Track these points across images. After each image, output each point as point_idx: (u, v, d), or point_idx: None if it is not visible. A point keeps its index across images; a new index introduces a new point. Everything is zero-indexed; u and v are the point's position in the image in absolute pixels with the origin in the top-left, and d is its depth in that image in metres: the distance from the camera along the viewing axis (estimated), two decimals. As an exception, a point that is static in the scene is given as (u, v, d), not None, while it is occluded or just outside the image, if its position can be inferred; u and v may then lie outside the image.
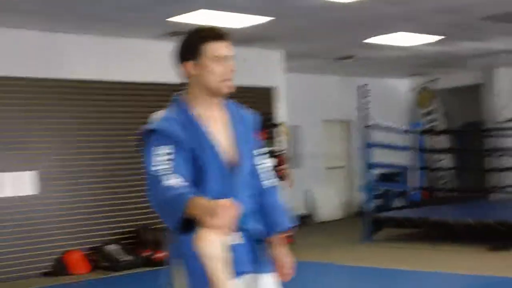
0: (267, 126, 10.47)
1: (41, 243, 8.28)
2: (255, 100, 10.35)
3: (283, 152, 10.55)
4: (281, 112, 10.99)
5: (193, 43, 2.56)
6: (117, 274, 8.24)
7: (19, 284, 7.82)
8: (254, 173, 2.70)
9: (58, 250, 8.38)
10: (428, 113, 14.97)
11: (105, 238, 8.75)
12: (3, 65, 8.13)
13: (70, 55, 8.68)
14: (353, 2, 7.69)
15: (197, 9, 7.67)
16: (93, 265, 8.47)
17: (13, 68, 8.21)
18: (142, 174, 9.00)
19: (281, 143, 10.73)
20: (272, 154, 10.15)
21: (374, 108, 12.10)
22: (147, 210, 8.21)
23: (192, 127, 2.52)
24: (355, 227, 11.24)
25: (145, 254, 8.57)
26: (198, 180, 2.48)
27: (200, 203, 2.24)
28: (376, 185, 11.44)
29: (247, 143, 2.66)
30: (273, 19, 8.50)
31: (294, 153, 12.90)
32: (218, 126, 2.59)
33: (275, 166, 10.05)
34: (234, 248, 2.46)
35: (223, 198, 2.29)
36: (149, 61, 9.15)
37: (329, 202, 13.56)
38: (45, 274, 8.22)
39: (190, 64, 2.56)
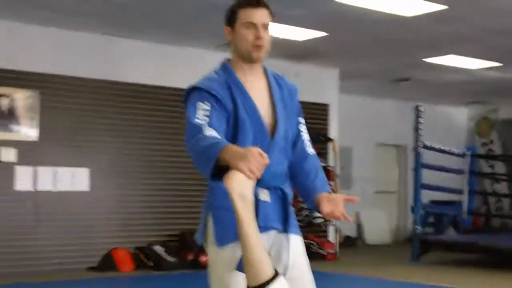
0: (319, 141, 10.52)
1: (90, 238, 8.51)
2: (307, 115, 10.42)
3: (332, 168, 10.55)
4: (333, 130, 11.02)
5: (231, 9, 2.66)
6: (160, 273, 8.37)
7: (66, 276, 8.02)
8: (293, 139, 2.75)
9: (105, 246, 8.57)
10: (486, 144, 14.74)
11: (151, 239, 8.91)
12: (62, 64, 8.46)
13: (127, 59, 8.97)
14: (411, 18, 7.70)
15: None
16: (137, 263, 8.62)
17: (71, 67, 8.53)
18: (190, 179, 9.19)
19: (331, 160, 10.73)
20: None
21: (430, 134, 12.06)
22: (193, 215, 8.32)
23: (236, 88, 2.61)
24: (403, 250, 11.12)
25: (189, 257, 8.68)
26: (234, 137, 2.57)
27: (233, 149, 2.35)
28: (426, 206, 11.30)
29: (285, 109, 2.72)
30: (327, 35, 8.58)
31: (345, 174, 12.88)
32: (257, 90, 2.67)
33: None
34: (261, 204, 2.53)
35: None
36: (204, 71, 9.31)
37: (378, 226, 13.43)
38: (92, 269, 8.41)
39: (228, 30, 2.66)
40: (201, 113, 2.51)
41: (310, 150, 2.79)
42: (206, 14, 7.57)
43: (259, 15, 2.62)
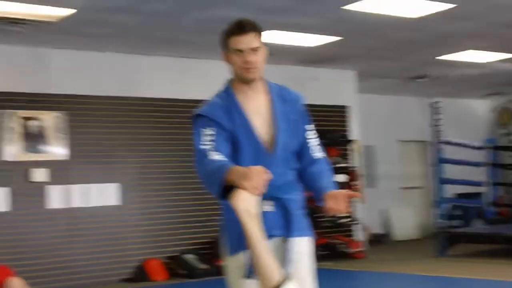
0: (341, 143, 10.72)
1: (123, 250, 8.81)
2: (328, 119, 10.66)
3: (355, 168, 10.74)
4: (354, 130, 11.21)
5: (223, 36, 2.88)
6: (193, 281, 8.64)
7: (102, 289, 8.35)
8: (300, 147, 2.95)
9: (138, 258, 8.88)
10: (508, 134, 14.79)
11: (183, 248, 9.20)
12: (86, 84, 8.81)
13: (148, 75, 9.29)
14: (419, 18, 7.88)
15: (267, 30, 8.08)
16: (170, 272, 8.91)
17: (97, 87, 8.87)
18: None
19: (354, 160, 10.92)
20: (344, 170, 10.38)
21: (452, 128, 12.20)
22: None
23: (234, 109, 2.85)
24: (431, 245, 11.24)
25: (221, 263, 8.91)
26: (235, 157, 2.81)
27: (237, 169, 2.61)
28: (450, 200, 11.44)
29: (288, 122, 2.90)
30: (341, 39, 8.80)
31: (369, 173, 13.05)
32: (257, 108, 2.88)
33: (348, 182, 10.29)
34: (265, 215, 2.75)
35: None
36: (219, 81, 9.57)
37: (405, 222, 13.56)
38: (126, 280, 8.73)
39: (224, 54, 2.91)
40: (206, 138, 2.77)
41: (318, 154, 2.98)
42: (217, 27, 7.83)
43: (245, 41, 2.79)
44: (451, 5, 7.40)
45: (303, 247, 2.89)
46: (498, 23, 8.26)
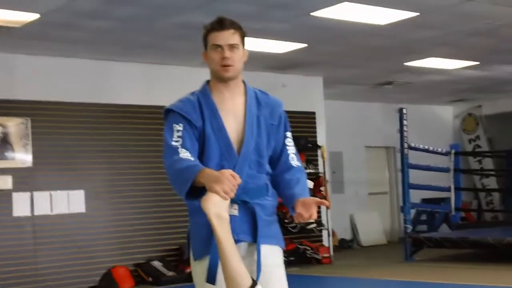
0: (307, 149, 10.76)
1: (90, 258, 8.72)
2: (296, 125, 10.68)
3: (321, 174, 10.79)
4: (321, 136, 11.27)
5: (203, 33, 2.87)
6: (160, 288, 8.60)
7: (68, 297, 8.24)
8: (278, 152, 2.91)
9: (105, 265, 8.78)
10: (473, 140, 15.02)
11: (149, 255, 9.14)
12: (56, 91, 8.70)
13: (116, 81, 9.22)
14: (384, 26, 7.96)
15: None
16: (137, 280, 8.84)
17: (64, 94, 8.77)
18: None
19: (320, 166, 10.97)
20: (311, 176, 10.42)
21: (417, 134, 12.36)
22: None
23: (207, 108, 2.81)
24: (397, 250, 11.35)
25: (187, 270, 8.88)
26: (202, 152, 2.78)
27: (208, 172, 2.59)
28: (416, 206, 11.57)
29: (259, 125, 2.86)
30: (309, 46, 8.85)
31: (337, 179, 13.13)
32: (231, 109, 2.84)
33: (314, 188, 10.33)
34: (231, 219, 2.65)
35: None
36: (191, 87, 9.55)
37: (372, 228, 13.67)
38: (92, 288, 8.64)
39: (203, 53, 2.88)
40: (176, 134, 2.74)
41: (295, 163, 2.94)
42: (192, 33, 7.82)
43: (224, 37, 2.79)
44: (415, 14, 7.51)
45: (274, 258, 2.82)
46: (462, 31, 8.39)
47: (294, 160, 2.94)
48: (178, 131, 2.76)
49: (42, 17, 6.97)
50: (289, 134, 2.98)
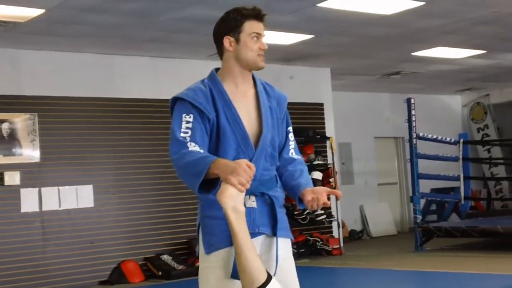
0: (316, 140, 10.73)
1: (98, 253, 8.72)
2: (304, 116, 10.66)
3: (330, 166, 10.75)
4: (329, 128, 11.22)
5: (234, 20, 2.75)
6: (170, 282, 8.59)
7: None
8: (281, 146, 2.88)
9: (114, 260, 8.78)
10: (482, 129, 14.95)
11: (159, 249, 9.13)
12: (62, 86, 8.69)
13: (124, 75, 9.19)
14: (391, 15, 7.90)
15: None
16: (147, 274, 8.84)
17: (71, 88, 8.75)
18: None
19: (329, 157, 10.93)
20: (320, 167, 10.38)
21: (426, 124, 12.30)
22: (198, 221, 8.52)
23: (220, 98, 2.71)
24: (407, 240, 11.32)
25: (197, 263, 8.87)
26: (217, 145, 2.68)
27: (223, 163, 2.50)
28: (426, 195, 11.52)
29: (272, 117, 2.82)
30: (316, 37, 8.80)
31: (346, 170, 13.10)
32: (246, 99, 2.78)
33: (323, 180, 10.28)
34: (248, 211, 2.62)
35: None
36: (197, 79, 9.53)
37: (382, 218, 13.62)
38: (103, 283, 8.63)
39: (228, 40, 2.76)
40: (185, 125, 2.64)
41: (297, 156, 2.92)
42: (197, 26, 7.79)
43: (263, 28, 2.79)
44: (421, 3, 7.44)
45: (287, 251, 2.81)
46: (469, 20, 8.31)
47: (296, 154, 2.93)
48: (187, 122, 2.66)
49: (47, 12, 6.95)
50: (290, 128, 2.95)
